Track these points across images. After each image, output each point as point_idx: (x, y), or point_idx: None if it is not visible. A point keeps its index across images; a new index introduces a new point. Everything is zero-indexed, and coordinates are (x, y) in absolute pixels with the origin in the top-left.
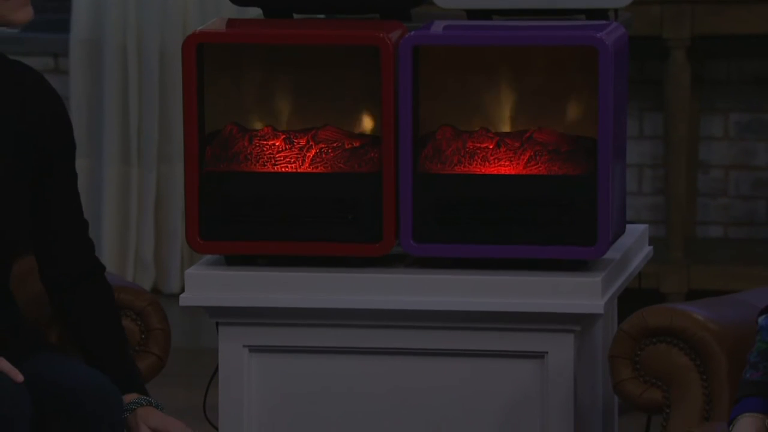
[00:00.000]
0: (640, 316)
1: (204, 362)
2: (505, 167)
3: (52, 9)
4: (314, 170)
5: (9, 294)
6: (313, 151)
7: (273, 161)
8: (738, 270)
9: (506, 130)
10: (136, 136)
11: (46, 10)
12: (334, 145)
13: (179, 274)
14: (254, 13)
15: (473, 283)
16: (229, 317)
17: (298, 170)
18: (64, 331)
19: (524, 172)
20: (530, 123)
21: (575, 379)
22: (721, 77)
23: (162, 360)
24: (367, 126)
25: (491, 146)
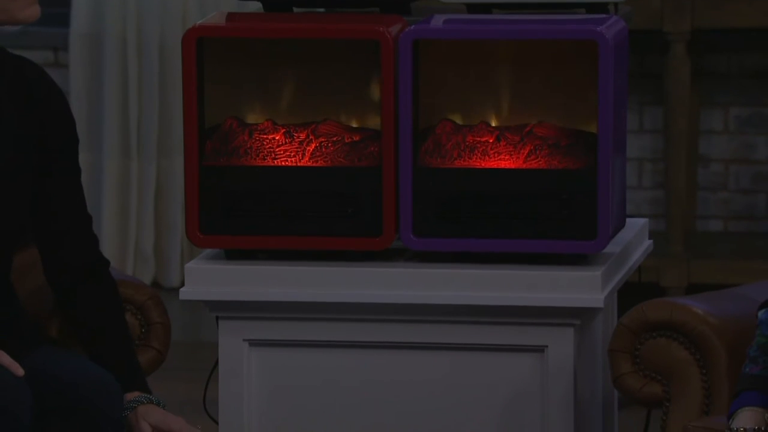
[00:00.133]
0: (640, 310)
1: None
2: (505, 161)
3: (51, 3)
4: (314, 164)
5: (10, 288)
6: (313, 145)
7: (273, 155)
8: (738, 264)
9: (506, 124)
10: (136, 129)
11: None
12: (334, 139)
13: (179, 267)
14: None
15: (473, 277)
16: (229, 311)
17: (298, 164)
18: (65, 325)
19: (524, 166)
20: (530, 117)
21: (575, 373)
22: (721, 71)
23: (162, 354)
24: (367, 120)
25: (491, 140)
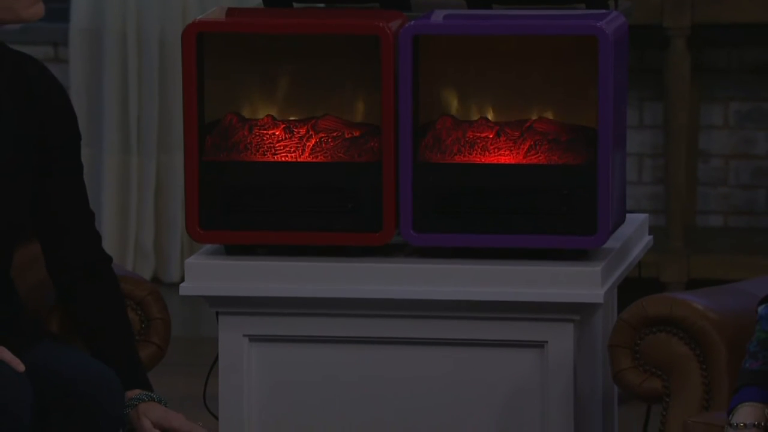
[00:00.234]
0: (640, 305)
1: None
2: (505, 157)
3: None
4: (314, 160)
5: (10, 284)
6: (312, 141)
7: (273, 151)
8: (738, 259)
9: (506, 119)
10: (136, 125)
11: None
12: (334, 134)
13: (179, 263)
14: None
15: (473, 272)
16: (229, 306)
17: (298, 160)
18: (65, 320)
19: (524, 161)
20: (530, 112)
21: (575, 369)
22: (721, 66)
23: (162, 349)
24: (367, 116)
25: (491, 136)
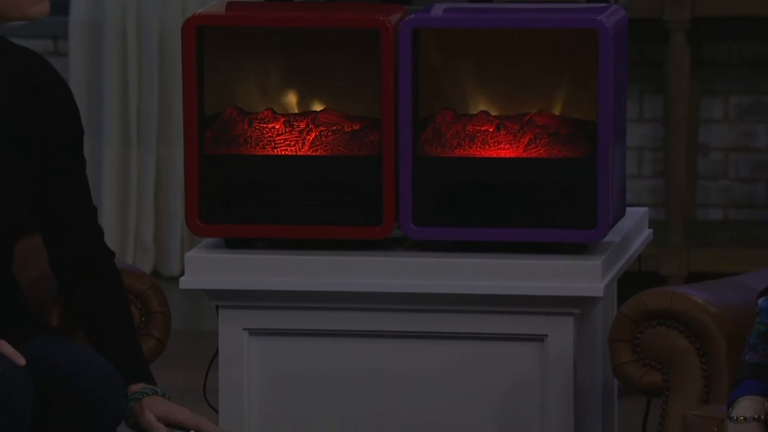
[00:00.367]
0: (640, 299)
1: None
2: (505, 150)
3: None
4: (314, 153)
5: (12, 277)
6: (312, 134)
7: (273, 144)
8: (738, 252)
9: (506, 113)
10: (136, 118)
11: None
12: (334, 128)
13: (179, 256)
14: None
15: (473, 266)
16: (229, 300)
17: (298, 153)
18: (66, 313)
19: (524, 155)
20: (530, 106)
21: (575, 362)
22: (721, 59)
23: (162, 343)
24: (367, 109)
25: (491, 129)
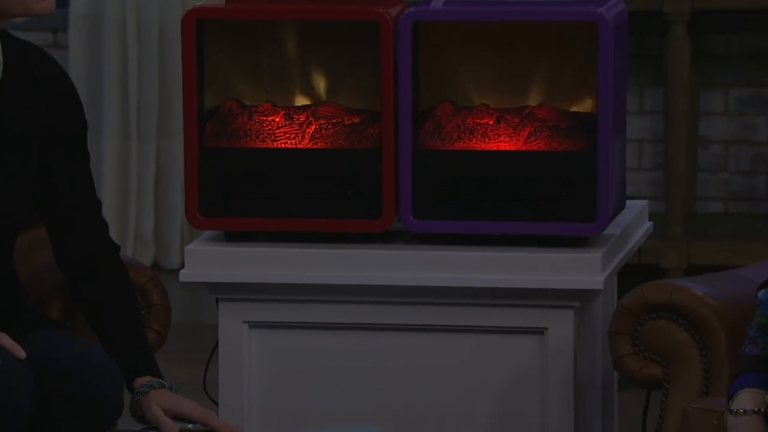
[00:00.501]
0: (640, 291)
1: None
2: (505, 143)
3: None
4: (314, 146)
5: (13, 271)
6: (312, 127)
7: (273, 137)
8: (738, 245)
9: (506, 106)
10: (136, 110)
11: None
12: (334, 121)
13: (179, 249)
14: None
15: (473, 259)
16: (229, 293)
17: (298, 146)
18: (66, 306)
19: (524, 148)
20: (530, 99)
21: (575, 355)
22: (721, 52)
23: (162, 336)
24: (367, 102)
25: (491, 122)
